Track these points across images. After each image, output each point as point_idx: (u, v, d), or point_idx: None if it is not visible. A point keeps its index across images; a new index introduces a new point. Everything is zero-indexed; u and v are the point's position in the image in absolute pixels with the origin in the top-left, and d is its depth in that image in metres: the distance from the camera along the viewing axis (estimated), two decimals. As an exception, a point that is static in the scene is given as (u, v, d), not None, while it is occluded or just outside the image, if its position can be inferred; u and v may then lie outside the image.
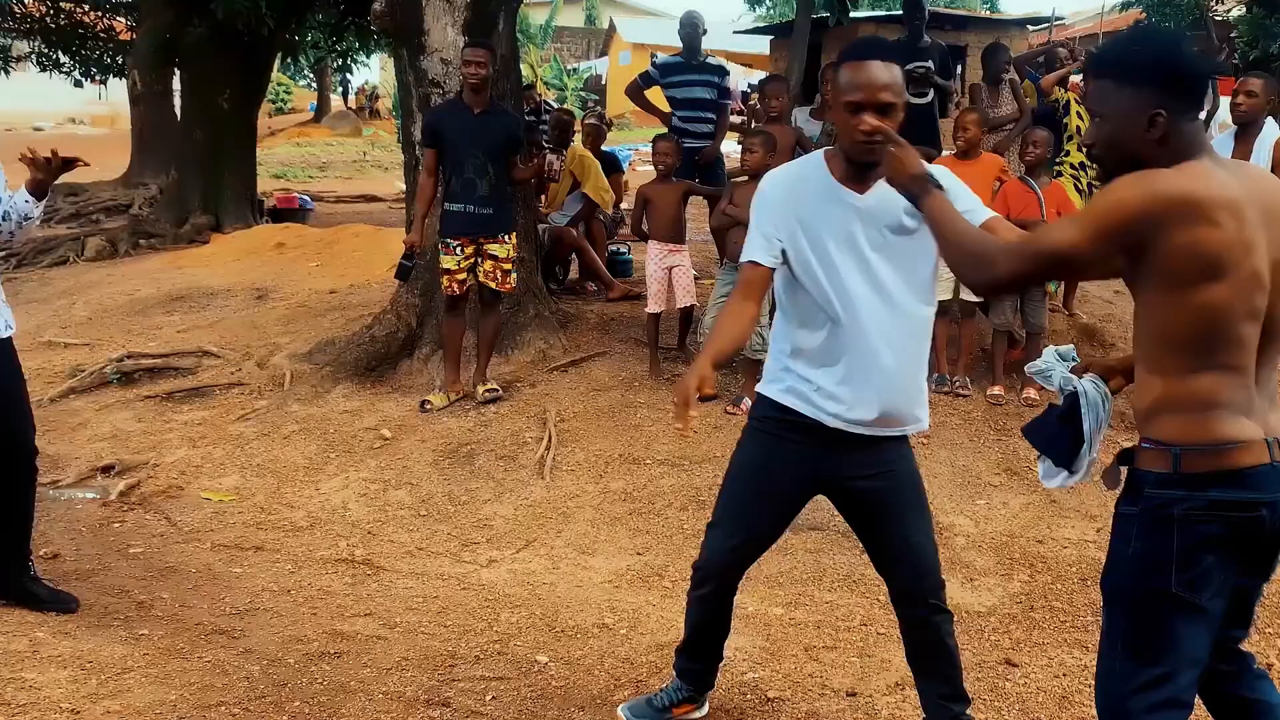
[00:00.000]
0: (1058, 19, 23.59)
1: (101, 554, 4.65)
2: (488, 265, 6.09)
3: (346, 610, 4.14)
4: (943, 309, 6.36)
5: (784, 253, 2.85)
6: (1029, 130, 6.70)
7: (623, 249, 9.07)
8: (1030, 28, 18.68)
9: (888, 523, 2.98)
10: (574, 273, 8.58)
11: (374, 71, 38.83)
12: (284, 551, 4.74)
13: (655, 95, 8.36)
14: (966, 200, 2.74)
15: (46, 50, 15.88)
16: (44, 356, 7.42)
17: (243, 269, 10.42)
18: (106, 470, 5.62)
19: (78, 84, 17.04)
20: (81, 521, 5.02)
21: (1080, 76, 9.64)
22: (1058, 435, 2.56)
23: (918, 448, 5.52)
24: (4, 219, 3.76)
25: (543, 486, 5.31)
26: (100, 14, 15.89)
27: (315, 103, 36.14)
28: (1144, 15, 17.17)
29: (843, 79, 2.74)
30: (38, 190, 3.77)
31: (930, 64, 7.80)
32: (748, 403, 5.06)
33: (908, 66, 7.68)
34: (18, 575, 3.98)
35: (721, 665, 3.29)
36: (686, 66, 8.08)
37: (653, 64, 8.56)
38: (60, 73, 16.32)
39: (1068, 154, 7.79)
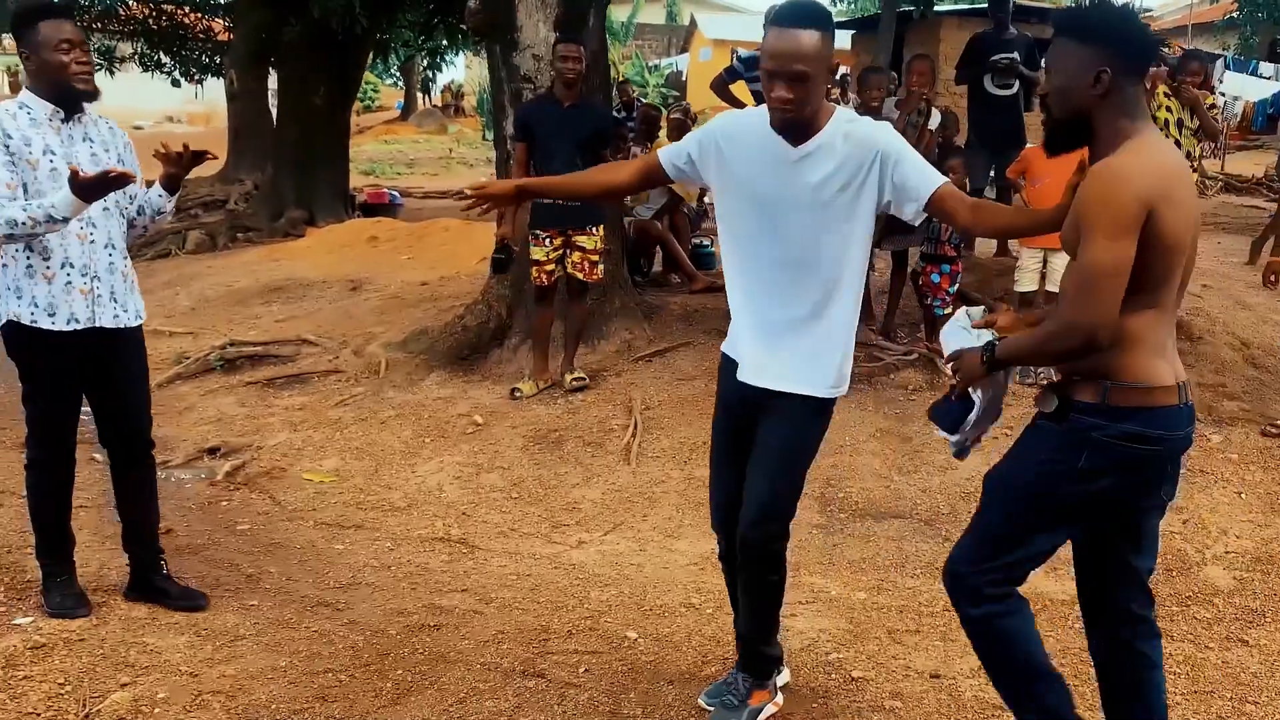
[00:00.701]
0: (1145, 11, 23.10)
1: (211, 530, 4.86)
2: (576, 256, 6.20)
3: (444, 586, 4.30)
4: (1026, 300, 6.38)
5: (683, 171, 3.01)
6: None
7: (706, 242, 9.13)
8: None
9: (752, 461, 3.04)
10: (658, 265, 8.69)
11: (459, 70, 39.28)
12: (383, 530, 4.93)
13: (739, 90, 8.43)
14: (920, 173, 2.82)
15: (149, 51, 16.29)
16: (150, 344, 7.51)
17: (337, 261, 10.72)
18: (212, 452, 5.87)
19: (175, 84, 17.40)
20: (191, 500, 5.26)
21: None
22: (953, 410, 2.74)
23: (1002, 437, 5.56)
24: (139, 213, 3.87)
25: (629, 472, 5.43)
26: (200, 15, 16.35)
27: (402, 101, 36.68)
28: (1235, 5, 16.75)
29: (765, 43, 2.75)
30: (170, 184, 3.85)
31: (1015, 56, 7.77)
32: None
33: (992, 58, 7.79)
34: (148, 571, 3.96)
35: (808, 646, 3.36)
36: (771, 61, 8.13)
37: (737, 58, 8.64)
38: (161, 73, 16.72)
39: None
